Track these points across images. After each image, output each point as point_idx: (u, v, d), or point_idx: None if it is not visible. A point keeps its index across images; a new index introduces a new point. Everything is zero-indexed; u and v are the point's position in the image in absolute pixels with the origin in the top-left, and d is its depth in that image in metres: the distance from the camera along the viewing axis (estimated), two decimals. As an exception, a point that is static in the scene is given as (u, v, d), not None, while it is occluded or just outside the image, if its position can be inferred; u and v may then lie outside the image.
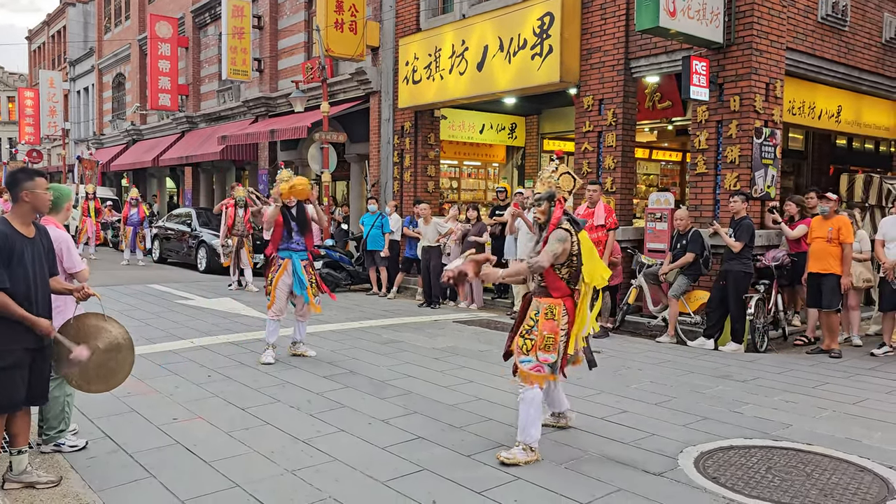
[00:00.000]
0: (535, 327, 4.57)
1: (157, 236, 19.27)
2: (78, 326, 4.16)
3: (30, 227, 3.96)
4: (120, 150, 29.20)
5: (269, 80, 19.99)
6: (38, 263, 3.94)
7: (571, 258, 4.54)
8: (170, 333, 8.69)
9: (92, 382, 4.25)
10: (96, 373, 4.21)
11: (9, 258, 3.77)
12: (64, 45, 38.84)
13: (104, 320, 4.22)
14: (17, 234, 3.85)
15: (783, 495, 4.05)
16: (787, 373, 7.20)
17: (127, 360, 4.28)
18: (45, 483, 4.03)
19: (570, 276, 4.60)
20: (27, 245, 3.88)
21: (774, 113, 9.28)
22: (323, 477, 4.22)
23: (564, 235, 4.49)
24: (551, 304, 4.58)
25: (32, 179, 3.93)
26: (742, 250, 8.29)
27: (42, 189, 3.97)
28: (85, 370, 4.17)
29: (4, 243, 3.76)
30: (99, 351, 4.17)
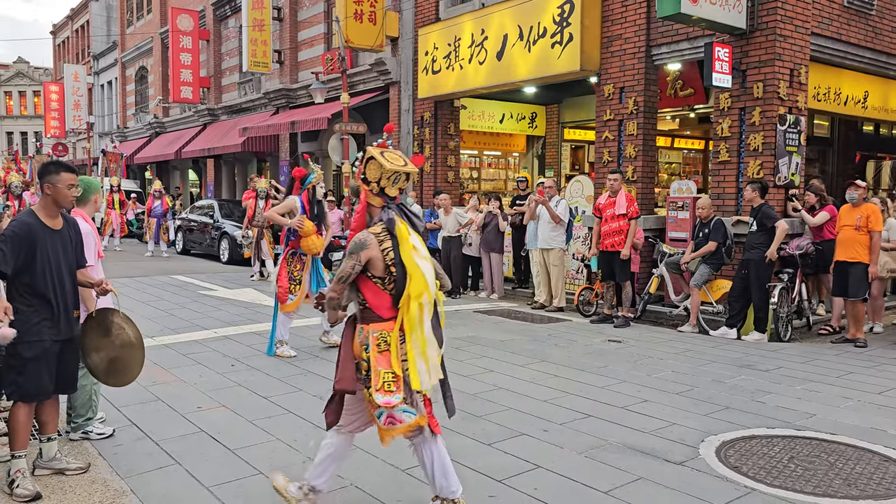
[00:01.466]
0: (369, 369, 3.39)
1: (181, 228, 19.47)
2: (99, 320, 4.23)
3: (56, 219, 3.98)
4: (143, 143, 29.50)
5: (289, 72, 20.05)
6: (63, 255, 3.97)
7: (388, 267, 3.39)
8: (193, 323, 8.79)
9: (108, 376, 4.33)
10: (113, 367, 4.27)
11: (31, 249, 3.79)
12: (88, 40, 39.24)
13: (121, 318, 4.27)
14: (41, 225, 3.88)
15: (806, 485, 4.02)
16: (811, 362, 7.13)
17: (138, 358, 4.32)
18: (74, 470, 4.12)
19: (398, 291, 3.41)
20: (51, 237, 3.90)
21: (799, 99, 9.15)
22: (345, 464, 4.24)
23: (359, 244, 3.36)
24: (382, 329, 3.41)
25: (56, 173, 3.93)
26: (764, 239, 8.21)
27: (65, 184, 3.94)
28: (101, 363, 4.25)
29: (24, 233, 3.79)
30: (115, 347, 4.23)
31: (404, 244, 3.40)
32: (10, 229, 3.80)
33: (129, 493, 3.89)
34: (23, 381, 3.85)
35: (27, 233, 3.80)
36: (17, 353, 3.81)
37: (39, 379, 3.88)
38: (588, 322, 9.34)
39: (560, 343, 7.94)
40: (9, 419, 3.97)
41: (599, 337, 8.30)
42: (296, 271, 7.28)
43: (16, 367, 3.84)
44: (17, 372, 3.84)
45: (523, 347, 7.64)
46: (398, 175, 3.49)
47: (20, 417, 3.90)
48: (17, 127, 59.07)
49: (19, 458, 3.86)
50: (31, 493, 3.77)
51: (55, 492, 3.88)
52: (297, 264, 7.30)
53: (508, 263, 12.17)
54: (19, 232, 3.78)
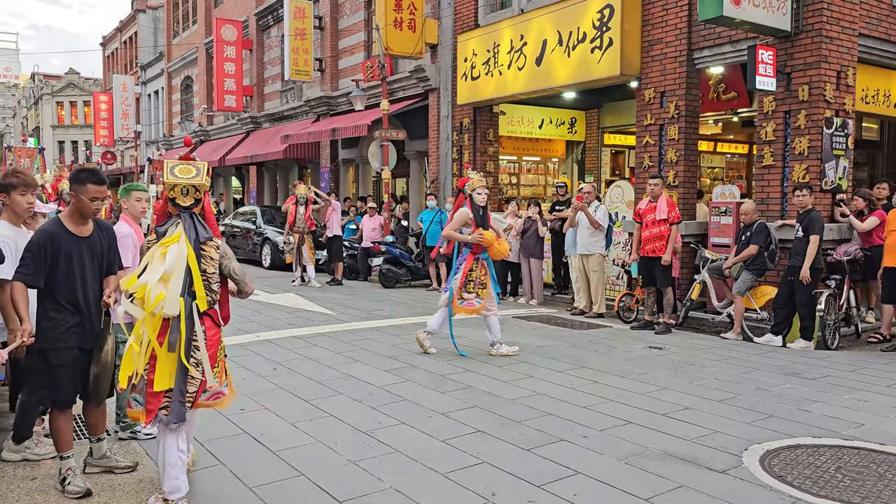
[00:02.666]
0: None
1: (224, 234, 19.82)
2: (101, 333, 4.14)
3: (84, 226, 3.96)
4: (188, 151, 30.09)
5: (329, 80, 20.30)
6: (91, 262, 3.96)
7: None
8: (237, 328, 8.95)
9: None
10: (95, 381, 4.22)
11: (54, 258, 3.81)
12: (135, 51, 40.28)
13: (110, 341, 4.13)
14: (66, 233, 3.88)
15: (853, 496, 3.93)
16: (860, 371, 6.96)
17: (105, 382, 4.14)
18: (123, 468, 4.23)
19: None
20: (76, 244, 3.89)
21: (846, 102, 8.95)
22: (384, 468, 4.30)
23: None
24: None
25: (83, 183, 3.88)
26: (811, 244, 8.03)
27: (89, 195, 3.87)
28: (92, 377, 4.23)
29: (47, 243, 3.80)
30: (99, 364, 4.09)
31: (157, 247, 3.67)
32: (32, 240, 3.84)
33: (174, 492, 3.97)
34: (54, 389, 3.91)
35: (48, 242, 3.80)
36: (46, 360, 3.86)
37: (69, 386, 3.93)
38: (628, 328, 9.25)
39: (600, 349, 7.88)
40: (49, 425, 4.08)
41: (640, 343, 8.22)
42: (482, 276, 7.45)
43: (46, 375, 3.89)
44: (47, 379, 3.90)
45: (563, 353, 7.61)
46: (181, 186, 3.74)
47: (59, 423, 3.99)
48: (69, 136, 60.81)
49: (67, 458, 3.97)
50: (81, 490, 3.88)
51: (104, 489, 3.99)
52: (481, 269, 7.47)
53: (548, 269, 12.13)
54: (41, 242, 3.80)
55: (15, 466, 4.29)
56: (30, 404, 4.31)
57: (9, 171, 4.30)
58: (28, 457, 4.38)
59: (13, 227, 4.27)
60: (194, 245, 3.72)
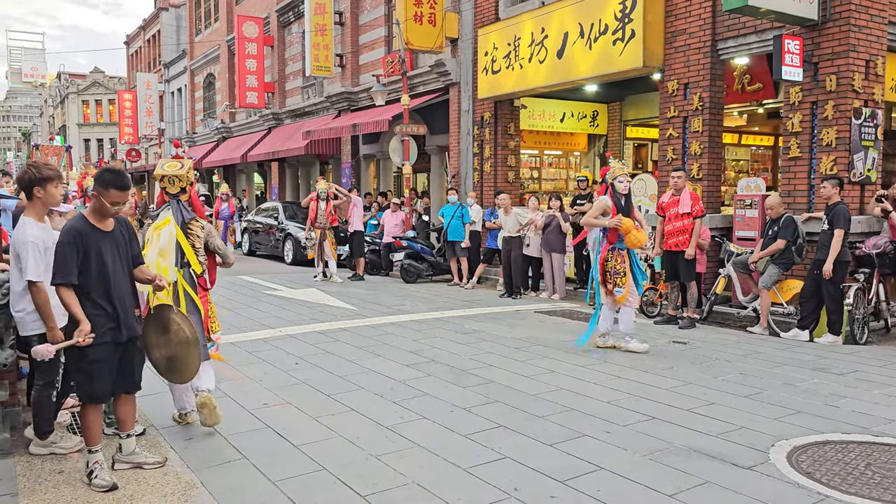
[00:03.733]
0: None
1: (247, 229, 19.95)
2: (157, 317, 4.32)
3: (107, 221, 4.02)
4: (211, 148, 30.35)
5: (350, 76, 20.33)
6: (118, 256, 4.02)
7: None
8: (259, 322, 9.00)
9: (170, 373, 4.44)
10: (172, 364, 4.37)
11: (85, 254, 3.86)
12: (159, 49, 40.65)
13: (180, 316, 4.34)
14: (92, 229, 3.92)
15: (884, 493, 3.85)
16: (890, 366, 6.83)
17: (194, 356, 4.37)
18: (152, 464, 4.25)
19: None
20: (102, 239, 3.95)
21: (875, 92, 8.78)
22: (406, 462, 4.29)
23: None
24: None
25: (106, 187, 3.91)
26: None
27: (111, 200, 3.91)
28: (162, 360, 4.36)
29: (77, 240, 3.84)
30: (173, 345, 4.31)
31: (153, 230, 4.73)
32: (62, 237, 3.86)
33: (199, 485, 4.00)
34: (89, 385, 3.97)
35: (76, 238, 3.84)
36: (82, 355, 3.92)
37: (104, 381, 3.98)
38: (652, 323, 9.17)
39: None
40: (81, 419, 4.13)
41: (664, 338, 8.14)
42: (618, 265, 7.42)
43: (83, 370, 3.96)
44: (83, 374, 3.96)
45: (585, 348, 7.55)
46: (168, 177, 4.79)
47: (90, 417, 4.04)
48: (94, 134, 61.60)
49: (95, 451, 4.02)
50: (107, 484, 3.92)
51: (130, 483, 4.03)
52: (618, 258, 7.44)
53: (570, 264, 12.05)
54: (70, 239, 3.84)
55: (42, 460, 4.35)
56: (42, 398, 4.38)
57: (35, 163, 4.30)
58: (55, 451, 4.43)
59: (39, 223, 4.28)
60: (181, 225, 4.71)
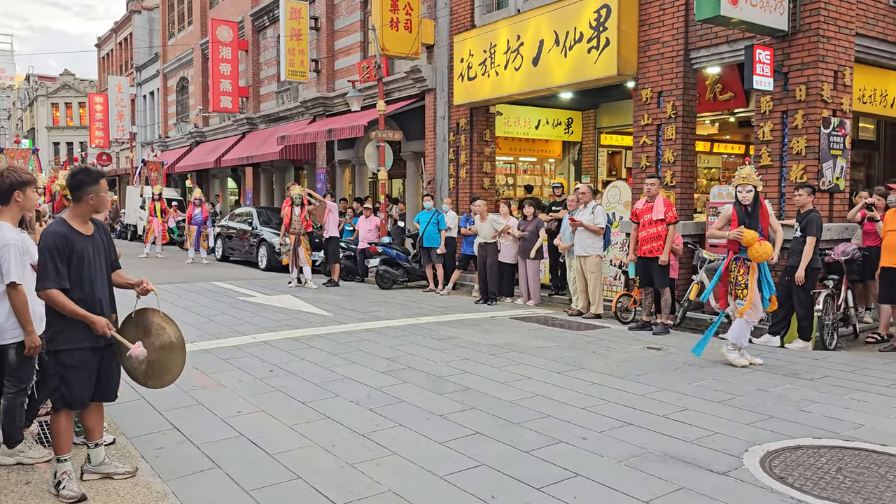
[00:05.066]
0: None
1: (220, 235, 19.76)
2: (137, 321, 4.23)
3: (88, 225, 4.02)
4: (184, 152, 30.06)
5: (326, 81, 20.26)
6: (98, 260, 4.01)
7: None
8: (233, 329, 8.90)
9: (147, 378, 4.30)
10: (151, 369, 4.24)
11: (69, 258, 3.84)
12: (131, 52, 40.18)
13: (161, 318, 4.24)
14: (75, 233, 3.92)
15: (855, 497, 3.90)
16: (859, 371, 6.94)
17: (178, 360, 4.28)
18: (122, 474, 4.16)
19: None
20: (86, 243, 3.94)
21: (843, 102, 8.94)
22: (382, 470, 4.27)
23: None
24: None
25: (96, 182, 3.99)
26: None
27: (104, 191, 4.05)
28: (142, 365, 4.28)
29: (63, 244, 3.83)
30: (154, 348, 4.20)
31: None
32: (46, 242, 3.83)
33: (170, 495, 3.94)
34: (66, 390, 3.91)
35: (62, 242, 3.83)
36: (59, 361, 3.89)
37: (81, 387, 3.93)
38: (626, 329, 9.23)
39: (598, 350, 7.85)
40: (51, 426, 4.04)
41: (638, 344, 8.19)
42: (741, 276, 7.11)
43: (58, 375, 3.91)
44: (60, 380, 3.91)
45: (561, 355, 7.58)
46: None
47: (61, 424, 3.97)
48: (64, 137, 60.65)
49: (64, 461, 3.93)
50: (76, 495, 3.84)
51: (99, 493, 3.95)
52: (741, 269, 7.12)
53: (545, 270, 12.10)
54: (58, 244, 3.82)
55: (9, 470, 4.25)
56: (13, 406, 4.28)
57: (14, 167, 4.24)
58: (22, 460, 4.33)
59: (14, 228, 4.21)
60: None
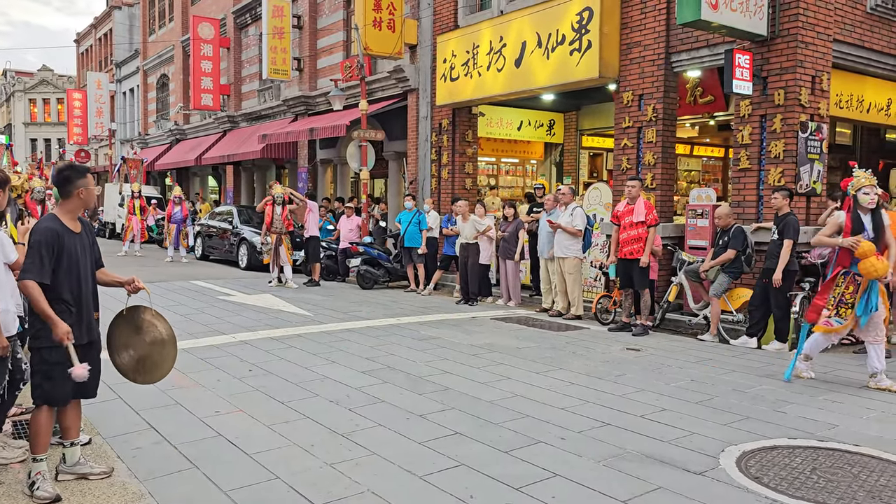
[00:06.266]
0: None
1: (200, 234, 19.62)
2: (129, 318, 4.24)
3: (76, 222, 4.04)
4: (164, 150, 29.79)
5: (308, 79, 20.18)
6: (85, 258, 4.02)
7: None
8: (212, 328, 8.84)
9: (138, 374, 4.34)
10: (142, 365, 4.30)
11: (58, 255, 3.85)
12: (110, 48, 39.77)
13: (152, 315, 4.27)
14: (66, 230, 3.94)
15: (829, 497, 3.96)
16: (833, 373, 7.03)
17: (169, 355, 4.33)
18: (98, 474, 4.12)
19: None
20: (74, 240, 3.96)
21: (821, 106, 9.06)
22: (361, 470, 4.26)
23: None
24: None
25: (84, 176, 4.03)
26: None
27: (92, 185, 4.08)
28: (132, 361, 4.27)
29: (54, 240, 3.84)
30: (145, 344, 4.25)
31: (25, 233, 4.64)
32: (38, 237, 3.82)
33: (147, 495, 3.90)
34: (49, 387, 3.88)
35: (55, 238, 3.84)
36: (42, 358, 3.87)
37: (65, 384, 3.91)
38: (606, 330, 9.28)
39: (578, 351, 7.89)
40: (31, 423, 4.00)
41: (617, 345, 8.25)
42: (847, 294, 6.30)
43: (42, 372, 3.88)
44: (43, 377, 3.88)
45: (541, 355, 7.61)
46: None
47: (42, 421, 3.93)
48: (41, 134, 59.90)
49: (40, 461, 3.89)
50: (50, 496, 3.79)
51: (74, 494, 3.90)
52: (850, 286, 6.31)
53: (525, 271, 12.14)
54: (49, 239, 3.82)
55: (-18, 471, 4.19)
56: None
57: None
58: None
59: None
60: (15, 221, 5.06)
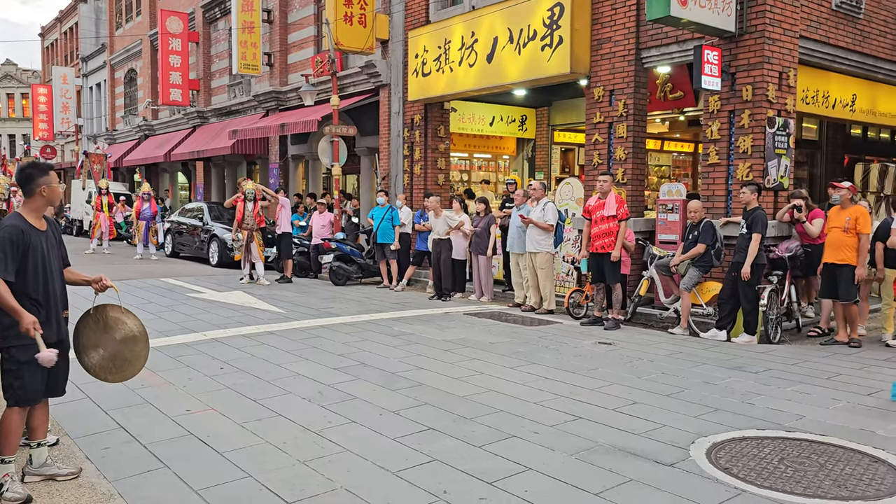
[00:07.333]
0: None
1: (170, 230, 19.38)
2: (96, 317, 4.19)
3: (41, 221, 3.99)
4: (132, 146, 29.36)
5: (279, 75, 20.01)
6: (52, 256, 3.98)
7: None
8: (182, 326, 8.74)
9: (108, 373, 4.28)
10: (113, 363, 4.24)
11: (24, 253, 3.80)
12: (76, 42, 39.06)
13: (122, 312, 4.23)
14: (31, 227, 3.89)
15: (796, 486, 4.03)
16: (801, 364, 7.16)
17: (142, 352, 4.29)
18: (66, 475, 4.06)
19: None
20: (39, 238, 3.91)
21: (788, 102, 9.20)
22: (335, 467, 4.24)
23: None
24: None
25: (47, 174, 3.98)
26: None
27: (56, 182, 4.03)
28: (102, 360, 4.21)
29: (19, 238, 3.79)
30: (115, 342, 4.19)
31: None
32: (2, 234, 3.78)
33: (116, 496, 3.85)
34: (19, 386, 3.82)
35: (19, 236, 3.80)
36: (12, 357, 3.81)
37: (35, 383, 3.86)
38: (578, 324, 9.34)
39: (550, 345, 7.94)
40: (1, 424, 3.92)
41: (590, 339, 8.31)
42: None
43: (12, 372, 3.83)
44: (13, 376, 3.82)
45: (513, 350, 7.64)
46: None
47: (13, 422, 3.87)
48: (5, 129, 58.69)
49: (9, 462, 3.82)
50: (21, 497, 3.73)
51: (41, 496, 3.84)
52: None
53: (498, 266, 12.17)
54: (14, 237, 3.78)
55: (-55, 474, 4.10)
56: None
57: None
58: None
59: None
60: None
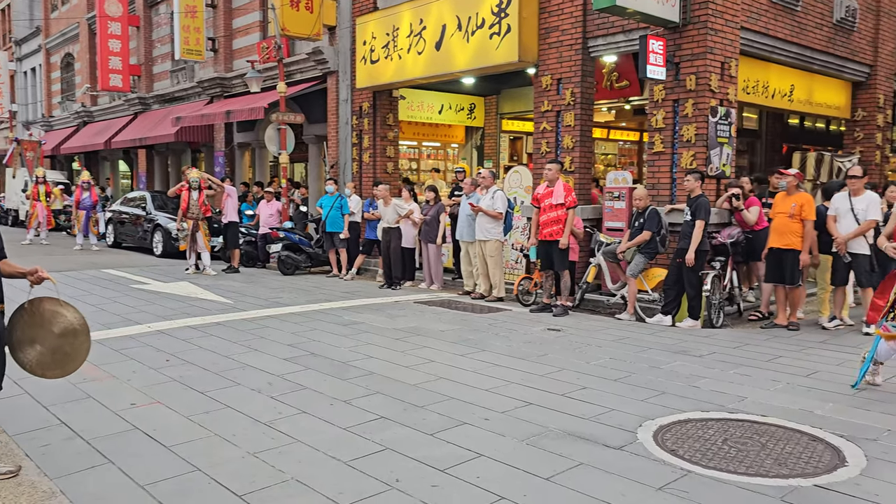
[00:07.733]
0: None
1: (112, 220, 18.83)
2: (32, 311, 4.04)
3: None
4: (71, 133, 28.39)
5: (223, 60, 19.58)
6: None
7: None
8: (126, 318, 8.52)
9: (47, 368, 4.13)
10: (52, 358, 4.09)
11: None
12: (9, 24, 37.46)
13: (59, 305, 4.09)
14: None
15: (739, 465, 4.15)
16: (742, 347, 7.37)
17: (83, 345, 4.16)
18: (4, 474, 3.90)
19: None
20: None
21: (729, 92, 9.41)
22: (285, 458, 4.20)
23: None
24: None
25: None
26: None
27: None
28: (40, 356, 4.07)
29: None
30: (54, 336, 4.06)
31: None
32: None
33: (58, 493, 3.73)
34: None
35: None
36: None
37: None
38: (527, 311, 9.43)
39: (500, 333, 7.99)
40: None
41: (539, 326, 8.39)
42: None
43: None
44: None
45: (464, 337, 7.67)
46: None
47: None
48: (-67, 115, 56.00)
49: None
50: (-48, 498, 3.59)
51: (-23, 496, 3.70)
52: None
53: (448, 254, 12.19)
54: None
55: None
56: None
57: None
58: None
59: None
60: None
